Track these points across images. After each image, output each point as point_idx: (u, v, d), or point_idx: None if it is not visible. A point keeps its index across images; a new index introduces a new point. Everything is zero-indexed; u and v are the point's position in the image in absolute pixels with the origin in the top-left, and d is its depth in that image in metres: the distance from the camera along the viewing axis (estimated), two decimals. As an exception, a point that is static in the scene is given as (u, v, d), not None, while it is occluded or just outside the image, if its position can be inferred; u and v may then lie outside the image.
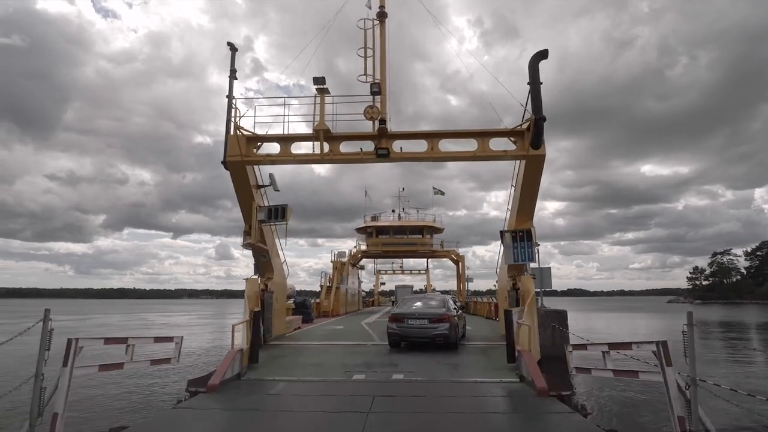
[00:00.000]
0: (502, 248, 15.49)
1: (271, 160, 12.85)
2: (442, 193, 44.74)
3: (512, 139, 12.34)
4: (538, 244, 12.99)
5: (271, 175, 13.71)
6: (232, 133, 12.30)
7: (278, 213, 13.06)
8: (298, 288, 32.77)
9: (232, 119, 12.27)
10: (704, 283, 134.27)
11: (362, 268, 57.62)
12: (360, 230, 42.70)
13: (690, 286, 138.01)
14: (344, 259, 37.51)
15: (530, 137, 11.55)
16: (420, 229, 40.80)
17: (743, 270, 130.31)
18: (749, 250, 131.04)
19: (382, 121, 12.09)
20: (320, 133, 12.18)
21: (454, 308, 13.24)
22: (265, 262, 14.55)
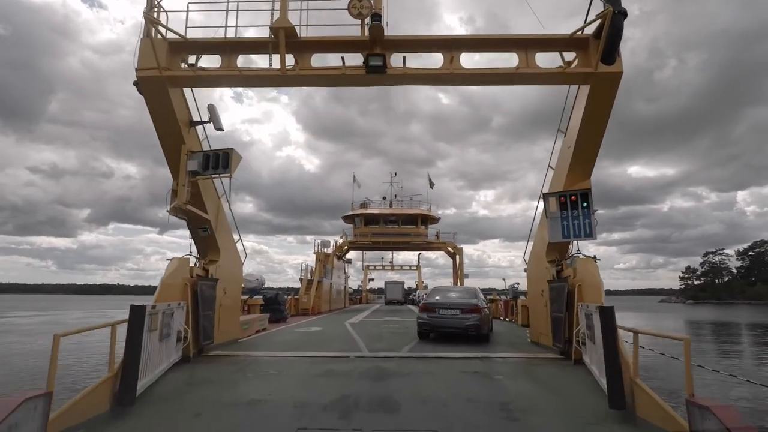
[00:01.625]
0: (536, 222, 11.39)
1: (207, 78, 8.52)
2: (432, 185, 40.67)
3: (566, 55, 8.25)
4: (596, 210, 8.90)
5: (211, 108, 9.39)
6: (147, 35, 7.97)
7: (218, 161, 8.77)
8: (283, 286, 28.68)
9: (154, 11, 7.90)
10: (696, 282, 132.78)
11: (349, 261, 53.27)
12: (347, 219, 38.39)
13: (682, 286, 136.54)
14: (328, 250, 33.18)
15: (602, 45, 7.47)
16: (413, 219, 36.66)
17: (734, 270, 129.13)
18: (741, 249, 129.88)
19: (376, 17, 7.85)
20: (280, 35, 7.89)
21: (484, 300, 12.67)
22: (205, 237, 10.23)
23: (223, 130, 9.51)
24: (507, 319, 21.02)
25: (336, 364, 8.42)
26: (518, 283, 19.65)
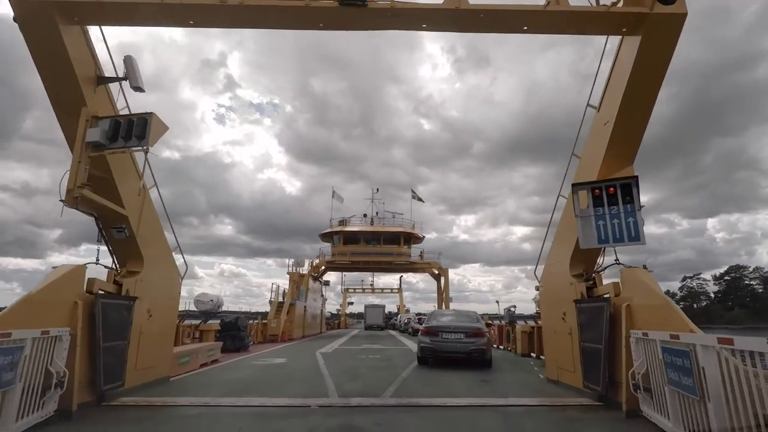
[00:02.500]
0: (551, 229, 9.20)
1: (115, 9, 6.11)
2: (421, 200, 38.64)
3: None
4: (642, 206, 6.72)
5: (127, 60, 6.95)
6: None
7: (131, 130, 6.27)
8: (260, 310, 25.62)
9: None
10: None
11: (327, 283, 50.34)
12: (324, 237, 35.77)
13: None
14: (303, 269, 30.39)
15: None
16: (396, 237, 34.30)
17: (712, 294, 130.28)
18: (717, 274, 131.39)
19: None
20: (219, -50, 5.59)
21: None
22: (122, 240, 7.60)
23: (143, 90, 7.04)
24: (502, 347, 18.56)
25: (289, 421, 5.81)
26: (515, 306, 17.40)
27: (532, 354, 14.98)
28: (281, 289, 28.06)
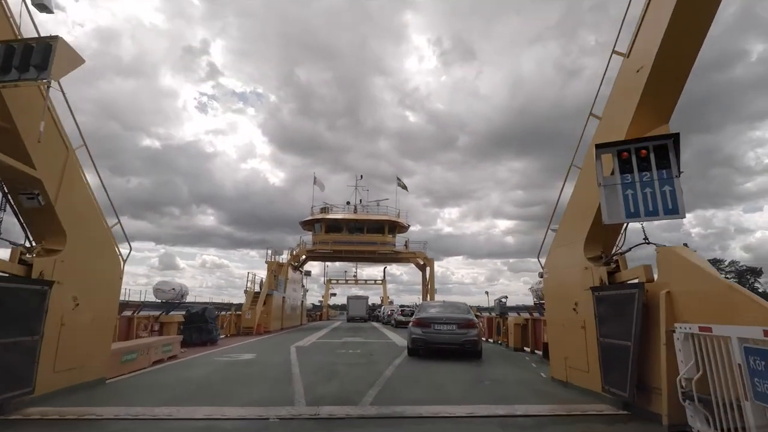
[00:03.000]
0: (570, 199, 7.98)
1: None
2: (406, 188, 37.31)
3: None
4: (682, 172, 5.47)
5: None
6: None
7: (28, 57, 4.71)
8: (242, 302, 24.08)
9: None
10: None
11: (308, 273, 48.84)
12: (305, 225, 34.18)
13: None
14: (282, 257, 28.84)
15: None
16: (380, 226, 32.92)
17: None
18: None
19: None
20: None
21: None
22: (34, 209, 6.04)
23: (51, 12, 5.46)
24: (492, 340, 17.45)
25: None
26: (506, 297, 16.26)
27: (525, 348, 13.86)
28: (258, 279, 26.48)
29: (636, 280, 5.77)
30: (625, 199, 5.68)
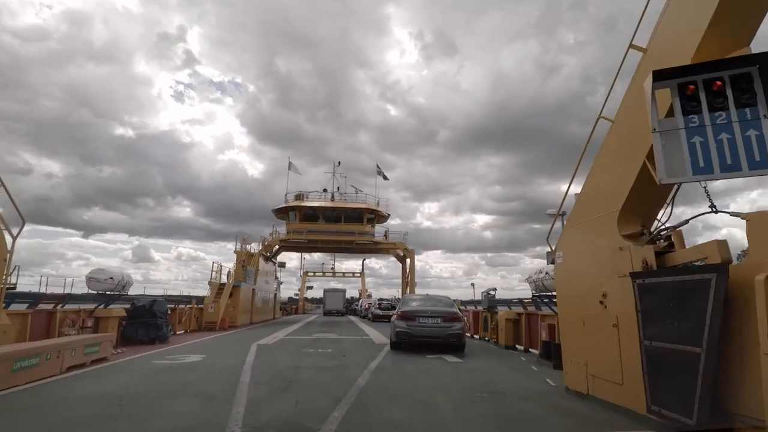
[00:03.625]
0: (597, 158, 6.37)
1: None
2: (386, 178, 35.58)
3: None
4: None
5: None
6: None
7: None
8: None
9: None
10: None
11: (282, 265, 46.76)
12: (279, 212, 32.11)
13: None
14: (251, 246, 26.78)
15: None
16: (359, 215, 31.15)
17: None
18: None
19: None
20: None
21: None
22: None
23: None
24: (477, 337, 15.99)
25: None
26: (494, 290, 14.76)
27: (517, 346, 12.41)
28: (226, 270, 24.37)
29: (702, 262, 4.20)
30: (691, 149, 4.08)
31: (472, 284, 37.26)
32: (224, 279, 23.65)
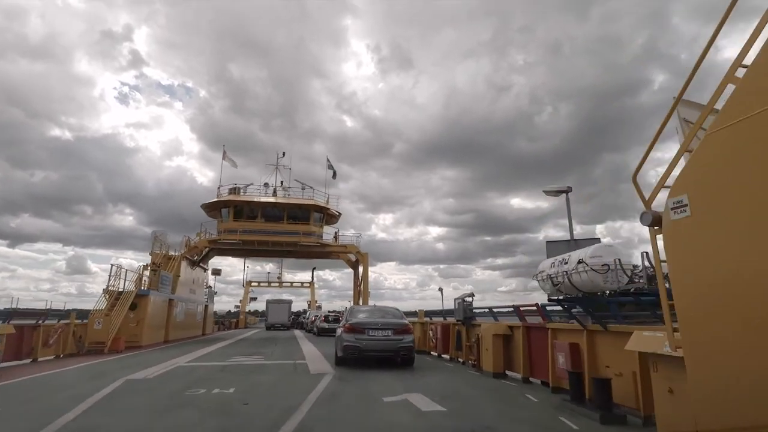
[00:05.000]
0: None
1: None
2: (335, 175, 31.51)
3: None
4: None
5: None
6: None
7: None
8: None
9: None
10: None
11: (217, 272, 41.43)
12: (210, 209, 27.26)
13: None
14: (165, 248, 21.89)
15: None
16: (305, 213, 26.94)
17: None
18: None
19: None
20: None
21: None
22: None
23: None
24: (449, 357, 12.38)
25: None
26: (472, 295, 11.23)
27: (508, 373, 8.89)
28: (130, 275, 19.32)
29: None
30: None
31: (440, 289, 32.63)
32: (131, 286, 18.65)
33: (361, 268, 28.49)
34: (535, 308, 8.12)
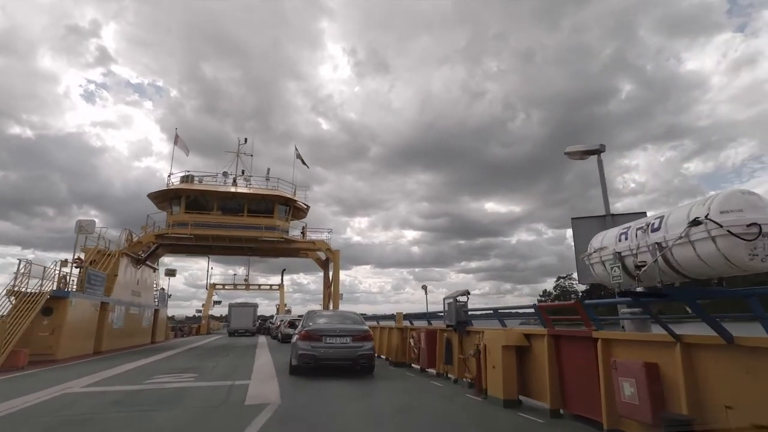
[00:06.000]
0: None
1: None
2: (306, 165, 28.60)
3: None
4: None
5: None
6: None
7: None
8: None
9: None
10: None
11: (172, 273, 37.84)
12: (160, 199, 23.91)
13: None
14: (94, 239, 18.58)
15: None
16: (268, 205, 23.96)
17: (579, 293, 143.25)
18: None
19: None
20: None
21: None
22: None
23: None
24: (434, 371, 9.83)
25: None
26: (468, 294, 8.70)
27: (522, 399, 6.37)
28: (51, 273, 15.91)
29: None
30: None
31: (424, 287, 29.90)
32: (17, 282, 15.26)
33: (332, 268, 25.68)
34: (572, 307, 5.59)
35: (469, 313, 8.72)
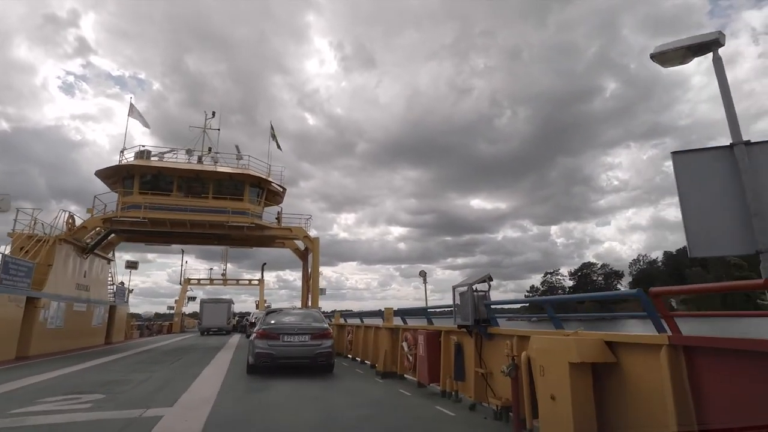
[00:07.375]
0: None
1: None
2: (279, 147, 25.44)
3: None
4: None
5: None
6: None
7: None
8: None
9: None
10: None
11: (133, 265, 34.52)
12: (110, 178, 20.65)
13: (526, 305, 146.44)
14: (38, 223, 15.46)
15: None
16: (239, 185, 20.93)
17: (568, 288, 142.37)
18: (572, 270, 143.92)
19: None
20: None
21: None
22: None
23: None
24: (439, 387, 7.10)
25: None
26: (490, 280, 6.03)
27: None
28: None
29: None
30: None
31: (422, 272, 19.53)
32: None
33: (311, 258, 22.80)
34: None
35: (492, 306, 6.00)
